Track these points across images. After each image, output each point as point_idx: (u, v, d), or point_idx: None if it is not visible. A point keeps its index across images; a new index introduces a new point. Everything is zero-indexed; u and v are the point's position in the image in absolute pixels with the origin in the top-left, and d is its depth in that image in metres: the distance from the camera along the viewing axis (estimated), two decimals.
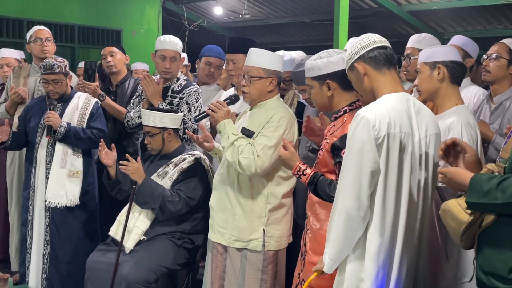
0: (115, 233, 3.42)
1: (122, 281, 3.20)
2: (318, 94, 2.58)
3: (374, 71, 2.18)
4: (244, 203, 2.97)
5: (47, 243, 3.76)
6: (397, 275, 2.11)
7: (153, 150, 3.52)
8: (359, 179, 2.03)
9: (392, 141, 2.04)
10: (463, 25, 9.16)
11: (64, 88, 3.81)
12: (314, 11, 10.00)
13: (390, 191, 2.06)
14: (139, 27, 9.01)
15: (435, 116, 2.28)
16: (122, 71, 4.35)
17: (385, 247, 2.08)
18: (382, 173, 2.04)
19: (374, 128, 2.01)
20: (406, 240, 2.11)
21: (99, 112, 3.87)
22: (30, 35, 4.27)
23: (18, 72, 4.30)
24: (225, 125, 2.93)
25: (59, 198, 3.70)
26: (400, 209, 2.09)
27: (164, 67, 3.79)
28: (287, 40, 11.60)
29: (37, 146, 3.79)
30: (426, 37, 3.49)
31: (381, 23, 9.20)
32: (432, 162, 2.18)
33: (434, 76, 2.60)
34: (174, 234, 3.42)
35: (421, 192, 2.15)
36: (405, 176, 2.09)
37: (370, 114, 2.03)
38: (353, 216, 2.04)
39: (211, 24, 11.11)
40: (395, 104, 2.11)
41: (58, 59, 3.78)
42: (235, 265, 3.00)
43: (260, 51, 3.02)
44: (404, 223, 2.09)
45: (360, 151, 2.03)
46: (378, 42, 2.20)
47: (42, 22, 6.50)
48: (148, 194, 3.32)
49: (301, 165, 2.53)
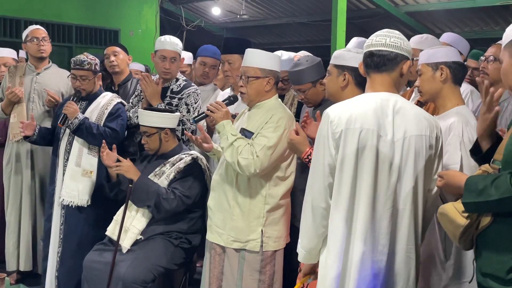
0: (112, 232, 3.42)
1: (119, 281, 3.19)
2: (333, 81, 2.74)
3: (366, 72, 2.28)
4: (242, 204, 2.97)
5: (61, 241, 3.77)
6: (358, 270, 2.10)
7: (150, 150, 3.52)
8: (318, 172, 2.15)
9: (349, 136, 2.09)
10: (461, 26, 9.18)
11: (91, 86, 3.83)
12: (312, 12, 10.02)
13: (345, 185, 2.11)
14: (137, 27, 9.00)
15: (428, 118, 2.24)
16: (125, 71, 4.36)
17: (340, 241, 2.12)
18: (338, 167, 2.11)
19: (332, 124, 2.11)
20: (368, 237, 2.10)
21: (118, 113, 3.83)
22: (26, 35, 4.27)
23: (13, 71, 4.29)
24: (224, 125, 2.93)
25: (72, 197, 3.72)
26: (356, 204, 2.10)
27: (164, 67, 3.79)
28: (285, 41, 11.61)
29: (60, 143, 3.83)
30: (428, 38, 3.50)
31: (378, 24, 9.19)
32: (412, 164, 2.13)
33: (436, 77, 2.60)
34: (171, 234, 3.42)
35: (393, 193, 2.13)
36: (366, 172, 2.09)
37: (332, 110, 2.15)
38: (315, 206, 2.16)
39: (209, 24, 11.12)
40: (363, 102, 2.16)
41: (89, 57, 3.81)
42: (233, 265, 3.00)
43: (256, 51, 3.03)
44: (364, 220, 2.09)
45: (320, 145, 2.16)
46: (373, 45, 2.25)
47: (40, 22, 6.50)
48: (143, 191, 3.32)
49: (311, 150, 2.57)
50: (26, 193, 4.23)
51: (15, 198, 4.26)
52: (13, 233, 4.27)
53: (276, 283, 3.06)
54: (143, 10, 9.11)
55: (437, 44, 3.42)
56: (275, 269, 3.03)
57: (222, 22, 11.18)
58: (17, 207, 4.26)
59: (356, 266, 2.10)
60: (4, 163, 4.35)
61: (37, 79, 4.24)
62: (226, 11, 10.37)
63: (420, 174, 2.16)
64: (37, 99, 4.22)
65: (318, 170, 2.15)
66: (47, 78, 4.26)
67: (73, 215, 3.75)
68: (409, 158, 2.14)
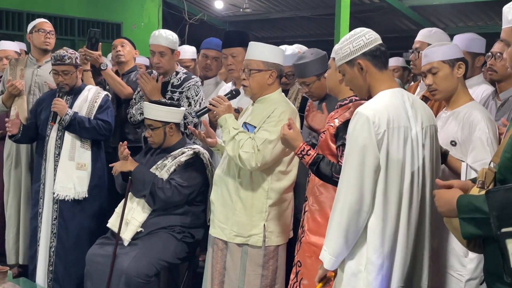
0: (113, 225, 3.43)
1: (122, 275, 3.19)
2: (332, 75, 2.68)
3: (375, 68, 2.22)
4: (244, 199, 2.96)
5: (54, 235, 3.76)
6: (401, 265, 2.14)
7: (154, 143, 3.51)
8: (361, 175, 2.06)
9: (391, 136, 2.08)
10: (465, 20, 9.14)
11: (74, 80, 3.82)
12: (315, 6, 9.97)
13: (392, 185, 2.09)
14: (139, 21, 8.99)
15: (428, 108, 2.31)
16: (130, 62, 4.42)
17: (389, 238, 2.11)
18: (383, 168, 2.08)
19: (374, 125, 2.06)
20: (408, 230, 2.15)
21: (107, 105, 3.87)
22: (34, 26, 4.26)
23: (14, 64, 4.28)
24: (226, 119, 2.92)
25: (67, 191, 3.71)
26: (402, 201, 2.12)
27: (154, 62, 3.81)
28: (288, 35, 11.57)
29: (47, 139, 3.80)
30: (437, 32, 3.47)
31: (382, 18, 9.18)
32: (429, 153, 2.20)
33: (455, 74, 2.59)
34: (174, 228, 3.41)
35: (420, 183, 2.18)
36: (407, 169, 2.12)
37: (368, 111, 2.09)
38: (356, 211, 2.07)
39: (212, 18, 11.08)
40: (391, 99, 2.16)
41: (69, 51, 3.80)
42: (236, 260, 3.00)
43: (259, 44, 3.01)
44: (406, 214, 2.13)
45: (361, 148, 2.07)
46: (378, 39, 2.25)
47: (42, 15, 6.48)
48: (139, 181, 3.33)
49: (305, 146, 2.55)
50: (26, 187, 4.21)
51: (15, 192, 4.26)
52: (13, 227, 4.27)
53: (278, 278, 3.05)
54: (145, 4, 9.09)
55: (445, 38, 3.39)
56: (277, 264, 3.03)
57: (225, 15, 11.15)
58: (17, 201, 4.26)
59: (398, 263, 2.12)
60: (4, 157, 4.34)
61: (38, 72, 4.23)
62: (229, 4, 10.33)
63: (435, 163, 2.22)
64: (37, 92, 4.21)
65: (360, 174, 2.06)
66: (48, 71, 4.24)
67: (68, 210, 3.74)
68: (427, 149, 2.19)
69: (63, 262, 3.76)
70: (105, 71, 4.13)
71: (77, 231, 3.77)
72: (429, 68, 2.63)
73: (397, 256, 2.13)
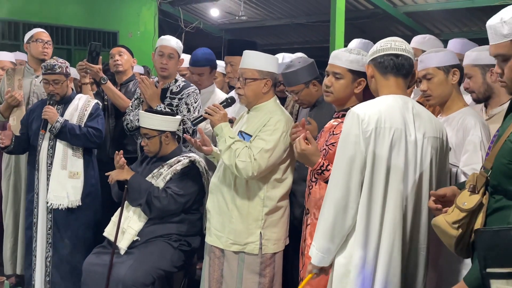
0: (109, 233, 3.43)
1: (119, 283, 3.19)
2: (345, 86, 2.63)
3: (380, 75, 2.27)
4: (240, 207, 2.97)
5: (50, 245, 3.76)
6: (386, 265, 2.13)
7: (149, 152, 3.51)
8: (349, 172, 2.11)
9: (380, 135, 2.11)
10: (459, 26, 9.18)
11: (64, 89, 3.83)
12: (310, 13, 10.00)
13: (378, 183, 2.12)
14: (136, 29, 8.99)
15: (437, 120, 2.31)
16: (128, 71, 4.40)
17: (374, 237, 2.12)
18: (369, 165, 2.11)
19: (363, 122, 2.11)
20: (394, 230, 2.14)
21: (98, 113, 3.88)
22: (31, 35, 4.27)
23: (12, 74, 4.28)
24: (222, 128, 2.93)
25: (61, 200, 3.71)
26: (387, 200, 2.13)
27: (161, 62, 3.80)
28: (284, 42, 11.61)
29: (39, 148, 3.79)
30: (431, 39, 3.50)
31: (377, 24, 9.22)
32: (429, 164, 2.20)
33: (450, 80, 2.61)
34: (171, 236, 3.41)
35: (415, 187, 2.18)
36: (396, 171, 2.13)
37: (360, 110, 2.15)
38: (342, 206, 2.12)
39: (208, 25, 11.11)
40: (388, 102, 2.19)
41: (59, 60, 3.81)
42: (233, 268, 3.00)
43: (254, 53, 3.03)
44: (392, 216, 2.13)
45: (350, 144, 2.12)
46: (392, 49, 2.26)
47: (38, 24, 6.48)
48: (136, 189, 3.34)
49: (324, 161, 2.51)
50: (24, 197, 4.21)
51: (14, 202, 4.26)
52: (10, 237, 4.26)
53: (276, 285, 3.05)
54: (141, 12, 9.09)
55: (439, 45, 3.41)
56: (274, 271, 3.03)
57: (220, 23, 11.17)
58: (14, 211, 4.26)
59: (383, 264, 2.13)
60: (3, 166, 4.35)
61: (36, 82, 4.24)
62: (224, 12, 10.36)
63: (435, 173, 2.23)
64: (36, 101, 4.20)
65: (347, 169, 2.11)
66: None
67: (63, 219, 3.74)
68: (427, 158, 2.19)
69: (60, 272, 3.75)
70: (106, 85, 4.13)
71: (72, 240, 3.77)
72: (424, 74, 2.66)
73: (381, 256, 2.13)
